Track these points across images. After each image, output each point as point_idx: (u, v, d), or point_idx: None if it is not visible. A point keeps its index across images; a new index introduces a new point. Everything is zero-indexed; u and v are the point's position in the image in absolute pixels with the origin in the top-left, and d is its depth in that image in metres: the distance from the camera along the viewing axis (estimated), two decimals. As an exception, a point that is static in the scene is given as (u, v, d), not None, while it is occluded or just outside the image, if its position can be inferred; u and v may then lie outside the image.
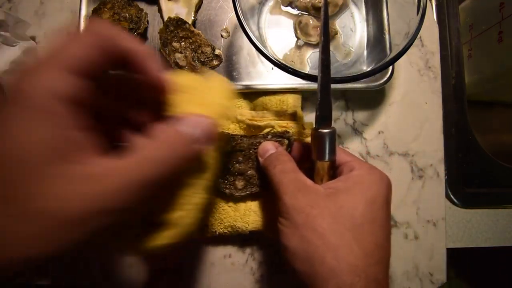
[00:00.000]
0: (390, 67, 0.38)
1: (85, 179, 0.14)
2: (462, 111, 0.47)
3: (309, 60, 0.41)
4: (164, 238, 0.22)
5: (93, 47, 0.16)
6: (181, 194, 0.23)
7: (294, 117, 0.38)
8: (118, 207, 0.14)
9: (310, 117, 0.42)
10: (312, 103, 0.42)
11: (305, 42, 0.41)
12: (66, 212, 0.13)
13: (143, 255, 0.25)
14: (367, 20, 0.42)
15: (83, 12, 0.40)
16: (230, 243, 0.36)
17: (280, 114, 0.38)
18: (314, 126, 0.32)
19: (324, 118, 0.29)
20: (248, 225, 0.35)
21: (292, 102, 0.39)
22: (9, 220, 0.13)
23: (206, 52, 0.40)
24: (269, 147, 0.31)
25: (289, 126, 0.37)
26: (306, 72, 0.32)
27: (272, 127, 0.36)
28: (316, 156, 0.28)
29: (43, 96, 0.14)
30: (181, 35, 0.39)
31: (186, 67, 0.39)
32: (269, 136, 0.34)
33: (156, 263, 0.39)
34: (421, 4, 0.32)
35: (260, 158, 0.32)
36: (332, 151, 0.28)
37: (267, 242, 0.39)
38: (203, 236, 0.35)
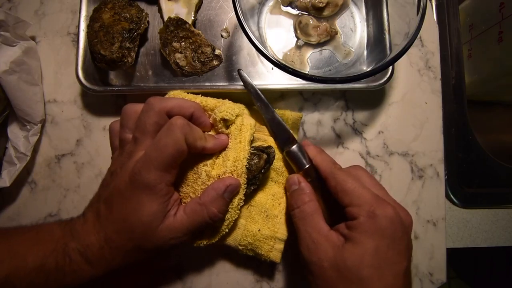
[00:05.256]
0: (390, 67, 0.38)
1: (166, 228, 0.28)
2: (462, 111, 0.47)
3: (309, 60, 0.41)
4: (208, 239, 0.32)
5: (173, 150, 0.27)
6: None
7: None
8: (174, 241, 0.28)
9: (310, 117, 0.42)
10: (312, 103, 0.42)
11: (305, 42, 0.41)
12: (163, 241, 0.28)
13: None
14: (367, 20, 0.42)
15: (83, 12, 0.40)
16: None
17: None
18: (282, 149, 0.36)
19: (287, 140, 0.35)
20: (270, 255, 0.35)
21: (291, 121, 0.38)
22: (146, 237, 0.28)
23: (206, 52, 0.40)
24: (292, 182, 0.34)
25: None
26: (306, 72, 0.32)
27: (265, 141, 0.36)
28: (297, 169, 0.34)
29: (151, 186, 0.27)
30: (181, 35, 0.39)
31: (186, 67, 0.39)
32: (252, 149, 0.34)
33: (156, 263, 0.39)
34: (421, 4, 0.32)
35: (287, 192, 0.35)
36: (306, 158, 0.34)
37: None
38: (220, 242, 0.34)
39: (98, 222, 0.28)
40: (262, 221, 0.35)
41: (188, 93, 0.37)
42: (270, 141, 0.37)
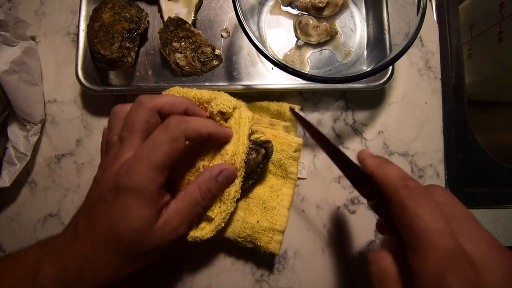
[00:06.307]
0: (390, 67, 0.38)
1: (161, 224, 0.26)
2: (462, 111, 0.47)
3: (309, 60, 0.41)
4: (203, 233, 0.31)
5: (169, 149, 0.25)
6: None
7: (287, 129, 0.38)
8: (171, 235, 0.27)
9: (310, 117, 0.42)
10: (312, 103, 0.42)
11: (305, 42, 0.41)
12: (159, 239, 0.26)
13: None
14: (367, 20, 0.42)
15: (83, 12, 0.40)
16: (230, 243, 0.36)
17: (274, 124, 0.38)
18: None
19: (369, 189, 0.26)
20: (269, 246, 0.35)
21: (289, 113, 0.38)
22: (140, 239, 0.25)
23: (206, 52, 0.40)
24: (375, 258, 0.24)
25: (280, 136, 0.36)
26: (306, 72, 0.32)
27: (263, 133, 0.36)
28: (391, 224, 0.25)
29: (141, 188, 0.24)
30: (181, 35, 0.39)
31: (186, 67, 0.39)
32: (250, 143, 0.33)
33: (156, 263, 0.39)
34: (421, 4, 0.32)
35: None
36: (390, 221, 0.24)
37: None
38: (219, 236, 0.34)
39: (76, 240, 0.25)
40: (261, 213, 0.35)
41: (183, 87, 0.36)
42: (268, 133, 0.37)
